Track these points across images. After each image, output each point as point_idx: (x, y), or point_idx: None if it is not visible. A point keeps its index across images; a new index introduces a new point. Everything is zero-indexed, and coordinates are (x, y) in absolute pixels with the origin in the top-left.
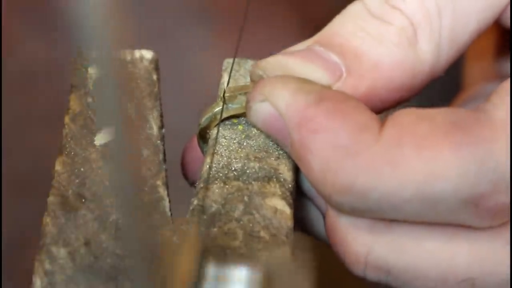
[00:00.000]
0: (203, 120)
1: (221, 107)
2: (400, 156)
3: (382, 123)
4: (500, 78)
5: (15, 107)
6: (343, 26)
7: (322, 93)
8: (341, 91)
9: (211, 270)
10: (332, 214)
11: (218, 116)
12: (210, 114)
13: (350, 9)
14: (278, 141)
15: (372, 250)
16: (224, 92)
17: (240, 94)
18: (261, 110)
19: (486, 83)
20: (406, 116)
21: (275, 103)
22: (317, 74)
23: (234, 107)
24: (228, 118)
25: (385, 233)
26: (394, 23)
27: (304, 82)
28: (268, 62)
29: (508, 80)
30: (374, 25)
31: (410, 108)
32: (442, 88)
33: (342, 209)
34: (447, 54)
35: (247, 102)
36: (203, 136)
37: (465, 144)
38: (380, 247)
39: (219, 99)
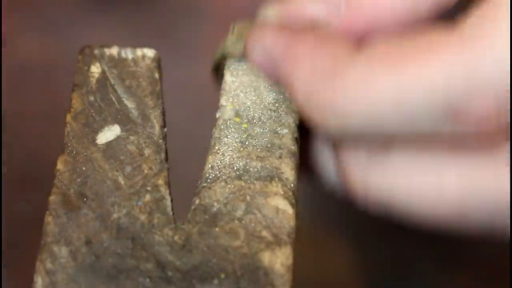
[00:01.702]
0: (217, 56)
1: (232, 42)
2: (371, 74)
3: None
4: None
5: (14, 107)
6: None
7: (304, 27)
8: (326, 29)
9: None
10: (340, 156)
11: (230, 50)
12: (221, 49)
13: None
14: (275, 80)
15: (368, 185)
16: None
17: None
18: (255, 52)
19: None
20: (380, 43)
21: (263, 42)
22: (319, 11)
23: (240, 45)
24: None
25: (378, 169)
26: None
27: (284, 22)
28: (268, 6)
29: None
30: None
31: (383, 39)
32: None
33: (330, 137)
34: None
35: (245, 48)
36: (217, 70)
37: (433, 57)
38: (374, 183)
39: (230, 33)
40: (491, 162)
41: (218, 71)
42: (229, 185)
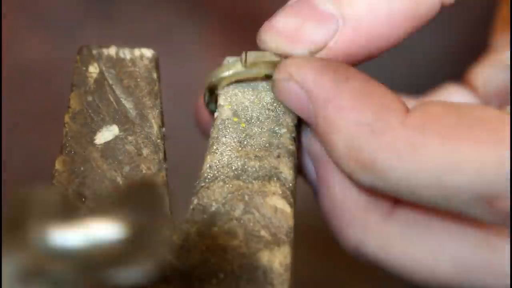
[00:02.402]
0: (218, 77)
1: (239, 70)
2: (423, 142)
3: (407, 107)
4: None
5: (14, 107)
6: None
7: (348, 73)
8: (365, 74)
9: None
10: (337, 191)
11: (232, 76)
12: (226, 73)
13: None
14: (301, 117)
15: (361, 243)
16: (247, 56)
17: (261, 65)
18: (286, 89)
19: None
20: (434, 106)
21: (301, 81)
22: (312, 31)
23: (252, 72)
24: (241, 81)
25: (376, 231)
26: None
27: (327, 61)
28: (265, 32)
29: None
30: None
31: (439, 100)
32: (471, 51)
33: (363, 185)
34: None
35: (273, 80)
36: (212, 91)
37: (487, 142)
38: (369, 243)
39: (236, 61)
40: (486, 248)
41: (210, 98)
42: (227, 185)
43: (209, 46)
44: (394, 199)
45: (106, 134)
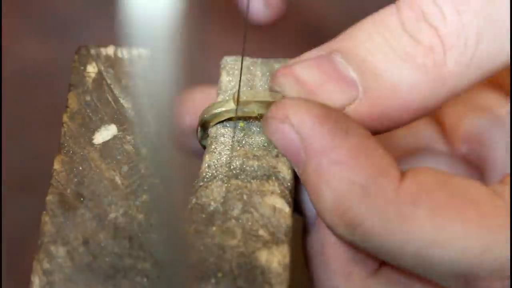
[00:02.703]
0: (209, 114)
1: (231, 108)
2: (413, 214)
3: (403, 173)
4: (505, 91)
5: (15, 107)
6: (369, 37)
7: (348, 126)
8: (365, 129)
9: None
10: (323, 236)
11: (225, 114)
12: (218, 110)
13: (383, 16)
14: (290, 161)
15: None
16: (238, 95)
17: (254, 102)
18: (280, 130)
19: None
20: (428, 177)
21: (297, 126)
22: (334, 92)
23: (245, 111)
24: (232, 119)
25: (359, 285)
26: (423, 42)
27: (329, 109)
28: (285, 76)
29: None
30: (402, 41)
31: (432, 168)
32: None
33: (342, 239)
34: (471, 78)
35: (266, 117)
36: (204, 127)
37: (476, 225)
38: None
39: (229, 98)
40: None
41: (203, 134)
42: (226, 184)
43: (209, 45)
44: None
45: (105, 133)
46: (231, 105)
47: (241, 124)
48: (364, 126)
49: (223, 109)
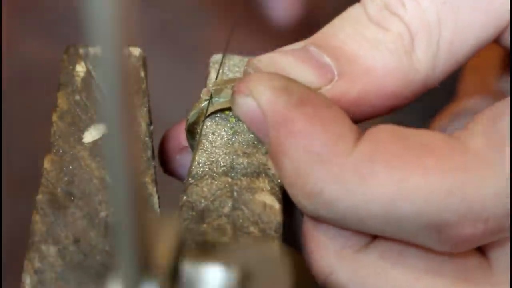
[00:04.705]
0: (191, 116)
1: (207, 102)
2: (370, 172)
3: (359, 136)
4: (494, 94)
5: (15, 107)
6: (341, 29)
7: (305, 96)
8: (325, 96)
9: (186, 268)
10: (308, 223)
11: (205, 111)
12: (197, 109)
13: (350, 12)
14: (258, 137)
15: (333, 273)
16: (211, 86)
17: (226, 87)
18: (245, 104)
19: (479, 97)
20: (382, 133)
21: (257, 99)
22: (308, 74)
23: (220, 101)
24: (216, 112)
25: (350, 261)
26: (391, 29)
27: (289, 81)
28: (261, 60)
29: (486, 110)
30: (371, 30)
31: (387, 125)
32: (439, 97)
33: (308, 214)
34: (443, 66)
35: (232, 94)
36: (191, 131)
37: (435, 170)
38: (342, 274)
39: (206, 94)
40: (466, 279)
41: (192, 133)
42: (216, 182)
43: (209, 44)
44: None
45: (94, 132)
46: (205, 98)
47: (231, 119)
48: (344, 111)
49: (201, 105)
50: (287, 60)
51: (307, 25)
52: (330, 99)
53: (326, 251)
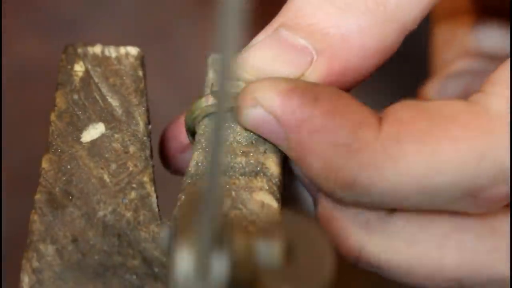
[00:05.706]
0: (190, 115)
1: (209, 103)
2: (400, 152)
3: (380, 117)
4: (480, 54)
5: (14, 107)
6: (306, 2)
7: (316, 92)
8: (331, 87)
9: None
10: (326, 205)
11: (206, 110)
12: (197, 108)
13: None
14: (274, 143)
15: (364, 247)
16: (211, 88)
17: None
18: (254, 115)
19: (467, 59)
20: (404, 112)
21: (268, 107)
22: (288, 64)
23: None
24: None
25: (378, 232)
26: None
27: (292, 81)
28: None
29: (498, 70)
30: None
31: (406, 102)
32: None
33: (345, 202)
34: (418, 7)
35: (237, 107)
36: (191, 131)
37: (463, 139)
38: (373, 246)
39: (207, 94)
40: (489, 234)
41: (191, 131)
42: None
43: (208, 43)
44: None
45: (93, 132)
46: (209, 99)
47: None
48: (331, 85)
49: (202, 105)
50: (264, 56)
51: None
52: (317, 80)
53: (354, 228)
